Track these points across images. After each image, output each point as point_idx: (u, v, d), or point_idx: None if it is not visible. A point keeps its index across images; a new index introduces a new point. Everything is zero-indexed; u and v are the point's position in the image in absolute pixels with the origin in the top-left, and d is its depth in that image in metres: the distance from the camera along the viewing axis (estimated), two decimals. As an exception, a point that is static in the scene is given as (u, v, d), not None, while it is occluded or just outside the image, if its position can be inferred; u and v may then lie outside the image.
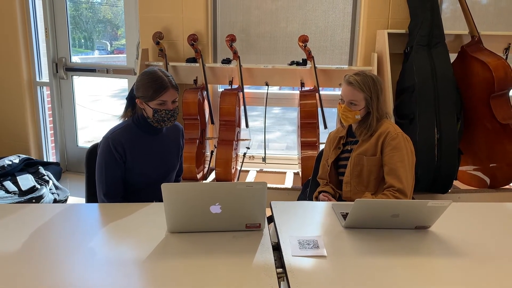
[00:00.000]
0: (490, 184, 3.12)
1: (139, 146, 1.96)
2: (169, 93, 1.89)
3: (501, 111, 2.99)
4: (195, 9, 3.50)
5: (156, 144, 2.01)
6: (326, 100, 3.39)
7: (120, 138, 1.92)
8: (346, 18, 3.53)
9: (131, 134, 1.95)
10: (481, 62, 2.97)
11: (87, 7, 4.57)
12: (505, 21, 3.45)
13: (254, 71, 3.49)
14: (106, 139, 1.92)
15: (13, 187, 3.40)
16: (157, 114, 1.90)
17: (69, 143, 4.25)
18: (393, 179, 1.96)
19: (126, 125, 1.97)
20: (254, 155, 3.90)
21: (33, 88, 4.09)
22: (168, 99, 1.90)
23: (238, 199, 1.45)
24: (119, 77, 3.99)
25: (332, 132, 2.30)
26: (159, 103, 1.89)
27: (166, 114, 1.91)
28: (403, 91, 3.11)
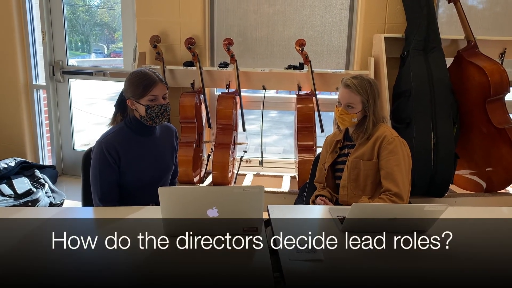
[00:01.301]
0: (486, 188, 3.13)
1: (132, 149, 1.95)
2: (159, 87, 1.90)
3: (497, 115, 3.00)
4: (193, 13, 3.50)
5: (150, 146, 2.01)
6: (323, 104, 3.40)
7: (113, 141, 1.91)
8: (343, 23, 3.54)
9: (124, 137, 1.95)
10: (477, 66, 2.99)
11: (84, 10, 4.56)
12: (501, 26, 3.47)
13: (251, 75, 3.49)
14: (99, 144, 1.91)
15: (8, 190, 3.38)
16: (150, 110, 1.90)
17: (66, 146, 4.23)
18: (390, 183, 1.97)
19: (119, 129, 1.97)
20: (251, 158, 3.90)
21: (30, 91, 4.08)
22: (159, 93, 1.90)
23: (235, 203, 1.45)
24: (116, 80, 3.98)
25: (329, 136, 2.30)
26: (150, 98, 1.89)
27: (159, 109, 1.91)
28: (400, 95, 3.12)
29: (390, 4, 3.33)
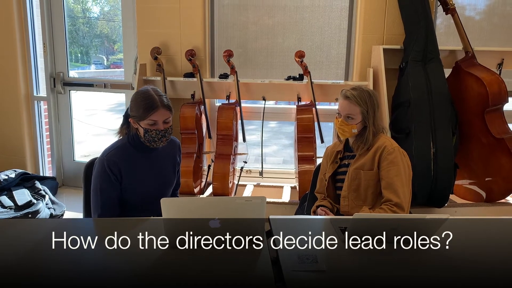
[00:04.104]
0: (486, 198, 3.13)
1: (134, 165, 1.95)
2: (159, 112, 1.86)
3: (496, 125, 3.02)
4: (193, 25, 3.53)
5: (152, 161, 2.00)
6: (322, 115, 3.41)
7: (115, 158, 1.91)
8: (341, 34, 3.57)
9: (126, 153, 1.94)
10: (475, 77, 3.01)
11: (84, 22, 4.60)
12: (498, 37, 3.50)
13: (251, 86, 3.51)
14: (101, 161, 1.90)
15: (9, 202, 3.38)
16: (148, 134, 1.87)
17: (66, 157, 4.23)
18: (390, 193, 1.98)
19: (121, 145, 1.96)
20: (251, 169, 3.90)
21: (31, 103, 4.09)
22: (159, 119, 1.86)
23: (237, 214, 1.46)
24: (117, 91, 4.00)
25: (330, 146, 2.31)
26: (149, 123, 1.86)
27: (157, 135, 1.88)
28: (399, 106, 3.13)
29: (389, 16, 3.36)
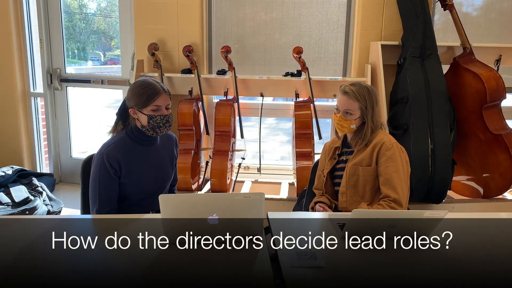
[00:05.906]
0: (483, 194, 3.14)
1: (133, 159, 1.95)
2: (162, 97, 1.90)
3: (493, 121, 3.02)
4: (190, 21, 3.52)
5: (151, 155, 2.00)
6: (320, 111, 3.41)
7: (114, 152, 1.91)
8: (339, 30, 3.57)
9: (125, 147, 1.94)
10: (473, 73, 3.01)
11: (80, 17, 4.57)
12: (496, 33, 3.50)
13: (249, 82, 3.50)
14: (100, 155, 1.90)
15: (6, 199, 3.37)
16: (152, 120, 1.89)
17: (63, 154, 4.22)
18: (389, 189, 1.98)
19: (120, 139, 1.96)
20: (249, 165, 3.90)
21: (27, 99, 4.07)
22: (162, 103, 1.90)
23: (235, 210, 1.45)
24: (114, 88, 3.99)
25: (328, 142, 2.31)
26: (153, 108, 1.89)
27: (161, 120, 1.91)
28: (397, 102, 3.14)
29: (387, 12, 3.36)
